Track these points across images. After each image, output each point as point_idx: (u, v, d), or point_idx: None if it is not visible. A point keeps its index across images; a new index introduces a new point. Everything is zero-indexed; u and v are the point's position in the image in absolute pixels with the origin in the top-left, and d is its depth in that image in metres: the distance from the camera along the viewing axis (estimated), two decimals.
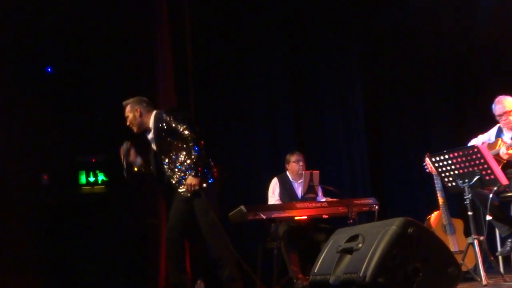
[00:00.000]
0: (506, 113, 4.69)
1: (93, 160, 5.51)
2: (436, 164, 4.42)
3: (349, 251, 2.84)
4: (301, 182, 5.63)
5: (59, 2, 5.33)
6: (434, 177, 5.07)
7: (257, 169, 6.37)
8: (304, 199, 5.52)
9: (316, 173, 5.48)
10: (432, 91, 6.87)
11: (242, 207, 4.86)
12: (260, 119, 6.78)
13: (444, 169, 4.40)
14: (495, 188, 4.43)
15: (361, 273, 2.64)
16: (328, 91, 7.08)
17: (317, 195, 5.60)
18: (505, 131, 4.79)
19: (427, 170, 4.92)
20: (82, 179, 5.48)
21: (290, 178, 5.71)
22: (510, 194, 4.63)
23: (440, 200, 5.16)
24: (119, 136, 4.93)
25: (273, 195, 5.64)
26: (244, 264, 4.44)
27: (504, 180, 4.23)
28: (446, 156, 4.33)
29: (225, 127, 6.54)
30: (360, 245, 2.79)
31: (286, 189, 5.65)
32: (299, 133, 6.88)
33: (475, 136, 5.04)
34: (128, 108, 4.52)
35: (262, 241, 5.40)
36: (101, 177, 5.45)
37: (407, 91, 7.02)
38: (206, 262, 5.61)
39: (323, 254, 3.05)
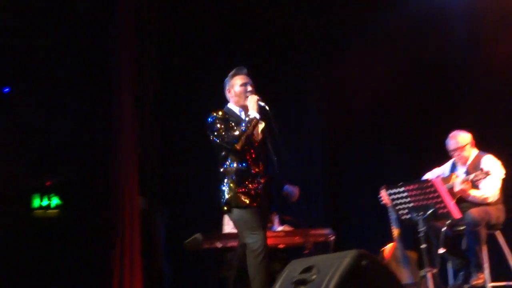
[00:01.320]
0: (459, 148, 4.69)
1: (47, 183, 5.31)
2: (392, 196, 4.41)
3: (303, 282, 2.77)
4: None
5: (17, 21, 5.19)
6: (389, 209, 4.97)
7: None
8: None
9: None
10: (391, 124, 6.86)
11: (198, 235, 4.80)
12: None
13: (399, 201, 4.40)
14: (448, 222, 4.40)
15: None
16: (285, 118, 7.04)
17: (273, 224, 5.46)
18: (458, 166, 4.80)
19: (382, 202, 4.83)
20: (36, 202, 5.32)
21: None
22: (462, 228, 4.56)
23: (395, 232, 5.11)
24: (74, 159, 4.79)
25: (229, 223, 5.40)
26: None
27: (457, 214, 4.23)
28: (402, 189, 4.33)
29: (187, 156, 6.41)
30: (314, 276, 2.73)
31: None
32: None
33: (431, 169, 5.04)
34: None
35: (217, 270, 5.22)
36: (55, 200, 5.28)
37: (365, 124, 7.00)
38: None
39: (277, 285, 2.96)
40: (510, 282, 4.63)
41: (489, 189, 4.57)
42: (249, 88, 3.82)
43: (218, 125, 3.74)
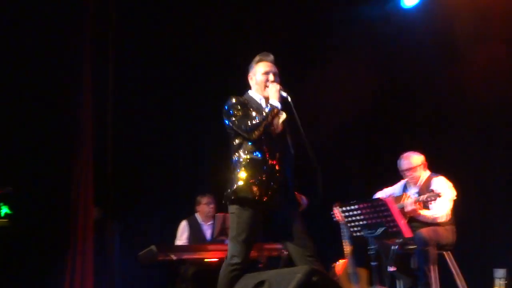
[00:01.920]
0: (411, 169, 4.71)
1: None
2: (345, 214, 4.36)
3: None
4: (210, 224, 5.58)
5: None
6: (341, 226, 5.03)
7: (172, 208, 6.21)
8: (215, 241, 5.40)
9: (229, 216, 5.29)
10: (348, 143, 6.87)
11: (153, 247, 4.73)
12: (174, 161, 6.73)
13: (351, 218, 4.34)
14: (399, 240, 4.43)
15: None
16: None
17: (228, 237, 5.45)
18: (410, 186, 4.81)
19: (335, 219, 4.82)
20: None
21: (199, 221, 5.60)
22: (413, 247, 4.56)
23: (347, 249, 5.16)
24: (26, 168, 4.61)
25: (181, 238, 5.49)
26: None
27: (407, 233, 4.21)
28: (354, 207, 4.27)
29: (143, 167, 6.32)
30: None
31: (195, 232, 5.53)
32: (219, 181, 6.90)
33: (382, 188, 5.04)
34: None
35: (171, 282, 5.17)
36: (4, 210, 4.91)
37: (324, 142, 6.66)
38: None
39: None
40: None
41: (440, 210, 4.58)
42: (271, 77, 3.55)
43: (236, 112, 3.47)
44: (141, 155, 6.35)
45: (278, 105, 3.41)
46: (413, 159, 4.75)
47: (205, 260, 5.04)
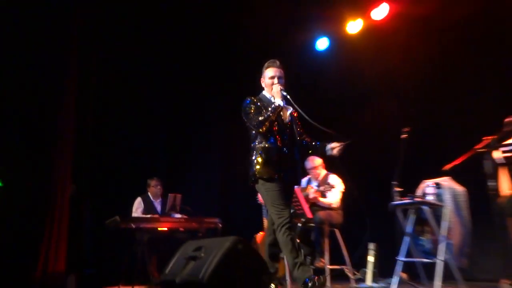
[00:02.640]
0: (314, 167, 5.20)
1: None
2: None
3: (194, 258, 2.87)
4: (159, 201, 5.81)
5: None
6: (263, 207, 5.27)
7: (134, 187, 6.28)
8: (165, 214, 5.60)
9: (178, 196, 5.71)
10: None
11: (117, 217, 4.87)
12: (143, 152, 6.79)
13: None
14: (303, 220, 4.85)
15: (201, 276, 2.68)
16: (194, 139, 7.31)
17: (177, 212, 5.73)
18: (313, 180, 5.26)
19: (258, 201, 5.13)
20: None
21: (151, 198, 5.82)
22: (312, 224, 4.90)
23: (265, 223, 5.23)
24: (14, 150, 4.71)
25: (136, 211, 5.70)
26: None
27: (309, 215, 4.72)
28: None
29: (114, 153, 6.42)
30: (202, 254, 2.83)
31: (148, 207, 5.76)
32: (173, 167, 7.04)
33: None
34: (282, 72, 3.79)
35: (130, 245, 5.35)
36: None
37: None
38: (80, 256, 5.50)
39: (174, 260, 3.07)
40: (343, 266, 4.91)
41: (333, 198, 5.02)
42: (276, 81, 3.64)
43: (249, 110, 3.60)
44: (113, 144, 6.41)
45: (281, 103, 3.55)
46: (316, 161, 5.22)
47: (158, 229, 5.23)
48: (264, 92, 3.78)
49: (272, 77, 3.70)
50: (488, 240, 4.53)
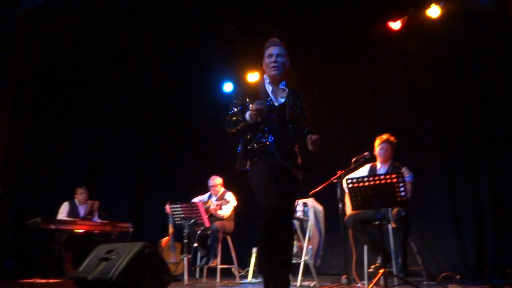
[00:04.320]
0: (215, 185, 5.44)
1: None
2: (172, 209, 4.88)
3: (106, 259, 2.82)
4: (84, 206, 5.71)
5: None
6: (169, 216, 5.29)
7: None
8: (85, 218, 5.56)
9: (96, 203, 5.72)
10: (184, 156, 7.03)
11: (38, 218, 4.76)
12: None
13: (176, 212, 4.86)
14: (202, 228, 4.96)
15: (110, 275, 2.65)
16: (115, 155, 7.16)
17: (94, 216, 5.70)
18: (212, 195, 5.47)
19: (166, 211, 5.20)
20: None
21: (77, 203, 5.74)
22: (209, 232, 4.99)
23: (170, 230, 5.39)
24: None
25: (61, 214, 5.61)
26: None
27: (207, 224, 4.88)
28: (179, 205, 4.83)
29: (39, 155, 6.15)
30: (113, 256, 2.78)
31: (73, 211, 5.66)
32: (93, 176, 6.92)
33: (198, 195, 5.57)
34: (282, 50, 2.96)
35: (48, 243, 5.24)
36: None
37: (169, 155, 7.12)
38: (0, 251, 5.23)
39: (88, 259, 2.99)
40: (231, 266, 5.09)
41: (226, 211, 5.23)
42: (273, 58, 2.89)
43: (231, 104, 2.91)
44: (42, 149, 6.12)
45: (249, 120, 2.74)
46: (216, 180, 5.45)
47: (75, 230, 5.17)
48: (265, 77, 2.99)
49: (270, 56, 2.93)
50: (337, 245, 5.02)
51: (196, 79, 6.77)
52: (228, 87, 7.07)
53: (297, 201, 2.90)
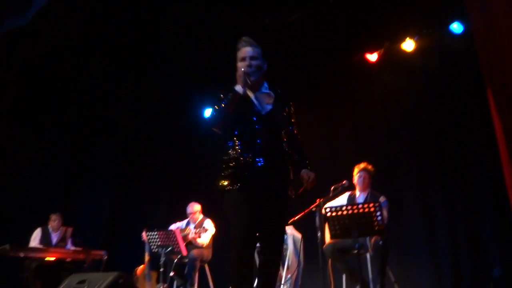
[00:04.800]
0: (193, 212, 5.46)
1: None
2: (149, 236, 4.93)
3: None
4: (57, 233, 5.66)
5: None
6: (146, 244, 5.22)
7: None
8: (57, 245, 5.51)
9: (69, 229, 5.67)
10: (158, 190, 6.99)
11: (7, 245, 4.67)
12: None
13: (153, 240, 4.93)
14: (179, 256, 5.00)
15: None
16: (91, 180, 7.13)
17: (67, 243, 5.66)
18: (191, 223, 5.47)
19: (142, 239, 5.19)
20: None
21: (50, 230, 5.67)
22: (186, 260, 5.00)
23: (146, 258, 5.33)
24: None
25: (34, 240, 5.54)
26: None
27: (184, 252, 4.94)
28: (155, 233, 4.88)
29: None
30: (86, 287, 2.76)
31: (45, 237, 5.60)
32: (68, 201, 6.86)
33: (175, 222, 5.58)
34: (257, 51, 2.55)
35: (16, 272, 5.14)
36: None
37: (147, 181, 7.06)
38: None
39: None
40: None
41: (205, 239, 5.22)
42: (246, 63, 2.48)
43: (216, 103, 2.50)
44: (15, 175, 6.05)
45: (240, 90, 2.40)
46: (195, 207, 5.48)
47: (46, 258, 5.08)
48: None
49: (243, 59, 2.53)
50: (316, 274, 5.00)
51: (175, 104, 6.84)
52: (208, 112, 7.11)
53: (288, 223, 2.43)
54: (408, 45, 5.57)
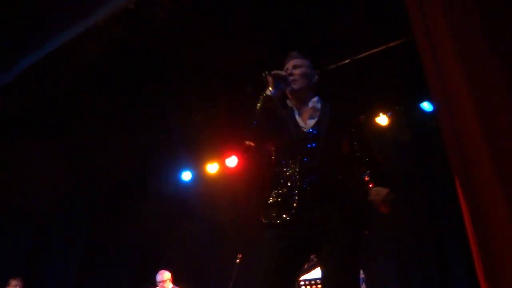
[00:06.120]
0: (163, 281, 5.25)
1: None
2: None
3: None
4: None
5: None
6: None
7: None
8: None
9: None
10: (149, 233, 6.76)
11: None
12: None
13: None
14: None
15: None
16: (58, 244, 6.91)
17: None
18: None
19: None
20: None
21: None
22: None
23: None
24: None
25: None
26: None
27: None
28: None
29: None
30: None
31: None
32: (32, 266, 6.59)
33: None
34: (303, 60, 2.28)
35: None
36: None
37: (116, 247, 6.89)
38: None
39: None
40: None
41: None
42: (288, 72, 2.23)
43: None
44: None
45: (270, 92, 2.09)
46: (165, 275, 5.27)
47: None
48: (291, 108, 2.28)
49: (286, 70, 2.27)
50: None
51: (151, 167, 6.75)
52: (186, 175, 7.03)
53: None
54: (382, 119, 5.75)
